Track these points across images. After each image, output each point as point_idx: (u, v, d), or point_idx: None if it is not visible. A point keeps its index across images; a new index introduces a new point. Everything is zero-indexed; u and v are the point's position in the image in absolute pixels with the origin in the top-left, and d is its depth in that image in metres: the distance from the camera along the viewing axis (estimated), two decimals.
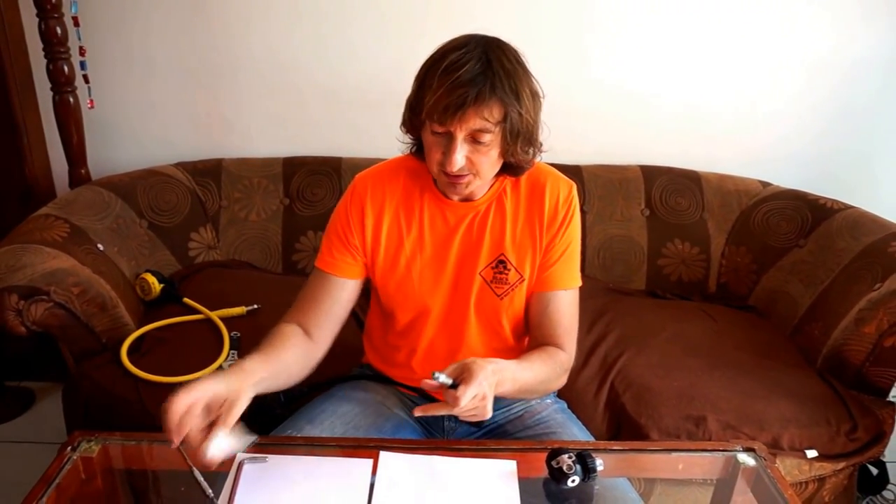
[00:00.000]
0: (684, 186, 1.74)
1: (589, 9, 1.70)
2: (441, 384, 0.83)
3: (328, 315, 1.03)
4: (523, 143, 0.93)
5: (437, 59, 0.89)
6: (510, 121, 0.89)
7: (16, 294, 1.19)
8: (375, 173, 1.07)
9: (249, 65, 1.75)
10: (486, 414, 0.86)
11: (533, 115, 0.92)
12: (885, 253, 1.43)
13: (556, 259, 1.04)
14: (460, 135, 0.89)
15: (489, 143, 0.90)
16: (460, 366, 0.87)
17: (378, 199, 1.04)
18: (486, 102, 0.86)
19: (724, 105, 1.79)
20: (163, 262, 1.63)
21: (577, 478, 0.86)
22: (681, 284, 1.72)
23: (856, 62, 1.73)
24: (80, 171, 1.69)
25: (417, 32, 1.68)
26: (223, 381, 0.81)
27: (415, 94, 0.93)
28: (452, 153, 0.90)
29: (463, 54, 0.86)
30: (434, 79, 0.87)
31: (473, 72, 0.85)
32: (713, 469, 1.01)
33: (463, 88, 0.85)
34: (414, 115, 0.94)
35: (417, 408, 0.87)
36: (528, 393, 1.03)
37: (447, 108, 0.86)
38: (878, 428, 1.27)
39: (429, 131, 0.92)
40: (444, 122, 0.88)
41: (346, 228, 1.04)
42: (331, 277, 1.04)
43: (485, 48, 0.88)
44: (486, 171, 0.95)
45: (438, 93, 0.86)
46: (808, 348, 1.46)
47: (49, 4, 1.50)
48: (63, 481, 0.85)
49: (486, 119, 0.87)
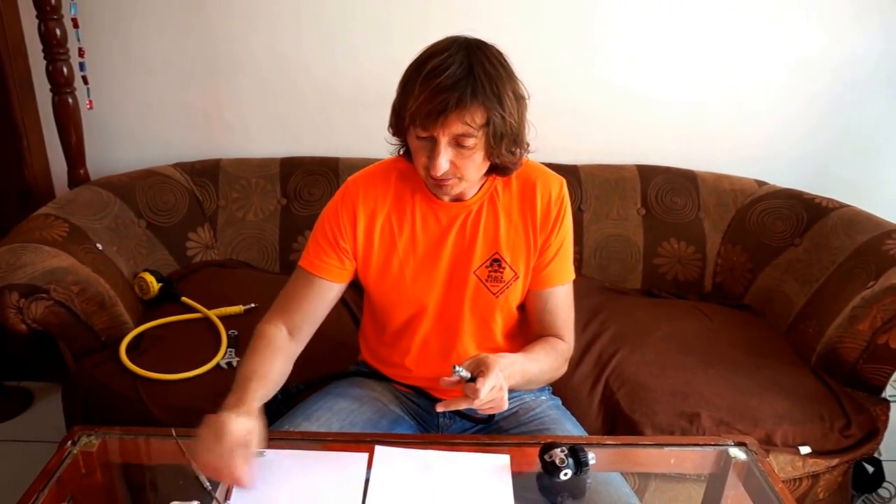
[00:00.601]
0: (680, 186, 1.75)
1: (587, 9, 1.71)
2: (461, 378, 0.87)
3: (311, 316, 1.05)
4: (508, 144, 0.94)
5: (418, 65, 0.90)
6: (493, 125, 0.89)
7: (16, 292, 1.20)
8: (367, 176, 1.07)
9: (247, 66, 1.77)
10: (503, 405, 0.89)
11: (517, 118, 0.93)
12: (879, 251, 1.44)
13: (552, 257, 1.05)
14: (444, 139, 0.90)
15: (473, 146, 0.91)
16: (476, 360, 0.89)
17: (370, 201, 1.05)
18: (467, 108, 0.87)
19: (721, 104, 1.80)
20: (161, 262, 1.64)
21: (570, 471, 0.87)
22: (677, 283, 1.73)
23: (848, 61, 1.75)
24: (79, 172, 1.70)
25: (415, 33, 1.66)
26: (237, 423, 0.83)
27: (398, 99, 0.94)
28: (437, 158, 0.90)
29: (444, 59, 0.87)
30: (416, 85, 0.88)
31: (455, 77, 0.86)
32: (705, 464, 1.02)
33: (444, 94, 0.85)
34: (398, 119, 0.95)
35: (440, 403, 0.90)
36: (534, 383, 1.05)
37: (429, 114, 0.87)
38: (872, 425, 1.28)
39: (413, 136, 0.93)
40: (427, 128, 0.89)
41: (337, 231, 1.04)
42: (316, 279, 1.04)
43: (467, 52, 0.88)
44: (470, 174, 0.96)
45: (420, 99, 0.87)
46: (802, 346, 1.47)
47: (49, 6, 1.51)
48: (63, 475, 0.87)
49: (468, 124, 0.88)
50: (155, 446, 0.95)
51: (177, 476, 0.88)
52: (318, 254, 1.05)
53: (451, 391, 1.09)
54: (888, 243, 1.44)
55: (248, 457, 0.83)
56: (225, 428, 0.81)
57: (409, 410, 1.14)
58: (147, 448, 0.95)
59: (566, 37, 1.73)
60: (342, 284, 1.07)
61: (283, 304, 1.05)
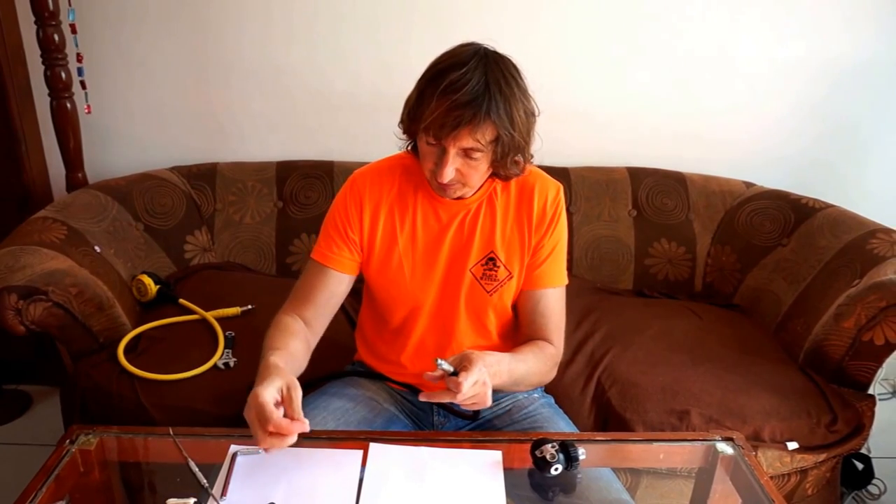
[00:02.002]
0: (670, 187, 1.78)
1: (575, 13, 1.73)
2: (443, 371, 0.88)
3: (325, 307, 1.07)
4: (513, 157, 0.98)
5: (438, 74, 0.92)
6: (501, 142, 0.93)
7: (15, 294, 1.21)
8: (373, 170, 1.10)
9: (243, 71, 1.79)
10: (486, 401, 0.91)
11: (525, 135, 0.97)
12: (863, 250, 1.46)
13: (544, 258, 1.08)
14: (452, 150, 0.94)
15: (480, 158, 0.95)
16: (460, 357, 0.92)
17: (375, 195, 1.08)
18: (480, 125, 0.90)
19: (708, 107, 1.83)
20: (159, 264, 1.65)
21: (560, 466, 0.89)
22: (668, 283, 1.76)
23: (833, 64, 1.77)
24: (77, 176, 1.71)
25: (407, 39, 1.71)
26: (275, 380, 0.85)
27: (414, 103, 0.96)
28: (444, 166, 0.94)
29: (463, 74, 0.90)
30: (433, 97, 0.91)
31: (471, 94, 0.89)
32: (693, 458, 1.04)
33: (459, 111, 0.89)
34: (412, 122, 0.98)
35: (423, 393, 0.92)
36: (521, 385, 1.07)
37: (443, 126, 0.91)
38: (858, 420, 1.30)
39: (424, 141, 0.97)
40: (439, 138, 0.93)
41: (345, 222, 1.07)
42: (328, 271, 1.07)
43: (485, 67, 0.91)
44: (474, 182, 1.00)
45: (437, 112, 0.90)
46: (790, 344, 1.49)
47: (47, 12, 1.53)
48: (62, 473, 0.88)
49: (478, 140, 0.92)
50: (153, 445, 0.96)
51: (174, 474, 0.89)
52: (330, 245, 1.08)
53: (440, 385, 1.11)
54: (872, 242, 1.46)
55: (295, 405, 0.83)
56: (257, 401, 0.82)
57: (403, 409, 1.16)
58: (145, 447, 0.97)
59: (554, 41, 1.75)
60: (352, 277, 1.09)
61: (297, 295, 1.08)
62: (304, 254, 1.73)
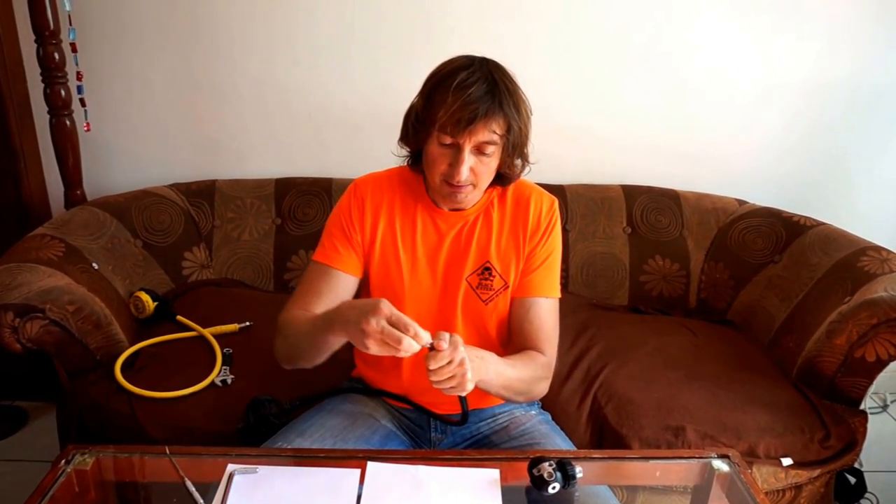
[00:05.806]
0: (664, 205, 1.80)
1: (570, 32, 1.77)
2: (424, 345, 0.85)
3: (329, 307, 1.05)
4: (517, 155, 1.03)
5: (446, 77, 0.98)
6: (512, 133, 0.99)
7: (11, 311, 1.21)
8: (374, 178, 1.13)
9: (242, 89, 1.80)
10: (466, 386, 0.88)
11: (526, 131, 1.02)
12: (854, 267, 1.48)
13: (537, 266, 1.10)
14: (467, 147, 0.97)
15: (492, 154, 0.99)
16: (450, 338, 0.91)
17: (376, 201, 1.10)
18: (493, 118, 0.96)
19: (701, 126, 1.86)
20: (157, 281, 1.65)
21: (558, 485, 0.89)
22: (662, 300, 1.77)
23: (826, 87, 1.81)
24: (76, 193, 1.72)
25: (405, 58, 1.74)
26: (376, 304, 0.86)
27: (423, 109, 1.00)
28: (460, 164, 0.98)
29: (470, 73, 0.97)
30: (447, 95, 0.95)
31: (482, 90, 0.95)
32: (690, 476, 1.04)
33: (474, 104, 0.94)
34: (422, 127, 1.00)
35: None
36: (512, 391, 1.05)
37: (459, 122, 0.95)
38: (851, 436, 1.31)
39: (435, 143, 0.99)
40: (455, 135, 0.96)
41: (349, 224, 1.09)
42: (332, 271, 1.08)
43: (488, 68, 0.99)
44: (484, 182, 1.03)
45: (453, 108, 0.95)
46: (783, 360, 1.50)
47: (47, 31, 1.55)
48: (57, 493, 0.87)
49: (493, 132, 0.97)
50: (149, 465, 0.96)
51: (171, 494, 0.89)
52: (333, 245, 1.09)
53: (440, 405, 1.11)
54: (863, 260, 1.48)
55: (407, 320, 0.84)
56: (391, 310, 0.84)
57: (401, 425, 1.16)
58: (141, 466, 0.96)
59: (550, 59, 1.78)
60: (355, 279, 1.10)
61: (300, 296, 1.08)
62: (302, 270, 1.72)
